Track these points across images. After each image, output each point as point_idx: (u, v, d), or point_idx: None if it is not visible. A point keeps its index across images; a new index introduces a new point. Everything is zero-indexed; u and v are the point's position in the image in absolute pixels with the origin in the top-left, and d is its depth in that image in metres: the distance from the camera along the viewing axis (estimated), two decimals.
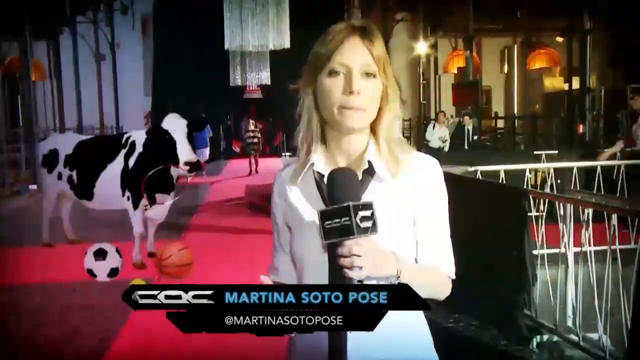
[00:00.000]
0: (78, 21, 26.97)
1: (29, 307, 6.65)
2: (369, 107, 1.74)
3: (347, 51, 1.72)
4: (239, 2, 21.52)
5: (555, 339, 5.20)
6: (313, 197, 1.80)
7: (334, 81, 1.73)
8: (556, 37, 27.85)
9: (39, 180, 11.32)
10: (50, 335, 5.80)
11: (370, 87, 1.73)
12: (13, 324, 6.15)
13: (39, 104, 24.02)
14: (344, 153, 1.83)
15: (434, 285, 1.81)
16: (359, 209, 1.50)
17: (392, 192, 1.77)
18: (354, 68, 1.71)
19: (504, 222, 5.76)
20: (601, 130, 20.41)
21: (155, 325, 5.96)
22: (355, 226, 1.49)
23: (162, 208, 8.28)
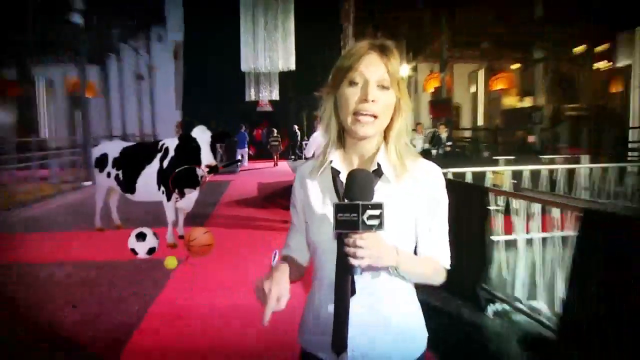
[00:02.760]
0: (122, 48, 27.08)
1: (86, 279, 6.72)
2: (382, 115, 1.69)
3: (366, 65, 1.67)
4: (253, 32, 21.62)
5: (506, 307, 5.30)
6: (329, 190, 1.76)
7: (353, 90, 1.68)
8: (513, 64, 27.98)
9: (93, 178, 11.41)
10: (100, 301, 5.87)
11: (384, 97, 1.68)
12: (75, 291, 6.23)
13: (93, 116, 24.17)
14: (357, 154, 1.78)
15: (429, 275, 1.78)
16: (367, 208, 1.50)
17: (396, 192, 1.72)
18: (370, 79, 1.66)
19: (469, 214, 5.83)
20: (546, 140, 20.47)
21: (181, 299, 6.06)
22: (362, 223, 1.49)
23: (190, 199, 8.41)
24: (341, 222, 1.52)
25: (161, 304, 5.73)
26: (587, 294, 4.10)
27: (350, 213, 1.51)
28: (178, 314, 5.41)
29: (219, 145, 20.89)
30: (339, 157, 1.79)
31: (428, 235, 1.77)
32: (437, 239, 1.79)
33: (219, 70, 26.06)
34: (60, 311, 5.58)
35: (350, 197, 1.56)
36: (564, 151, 15.81)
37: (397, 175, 1.72)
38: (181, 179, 8.07)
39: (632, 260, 3.73)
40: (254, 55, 22.21)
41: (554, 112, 21.82)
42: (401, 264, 1.63)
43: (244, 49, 22.33)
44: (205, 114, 21.86)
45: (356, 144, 1.77)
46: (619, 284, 3.79)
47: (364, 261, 1.52)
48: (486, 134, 24.55)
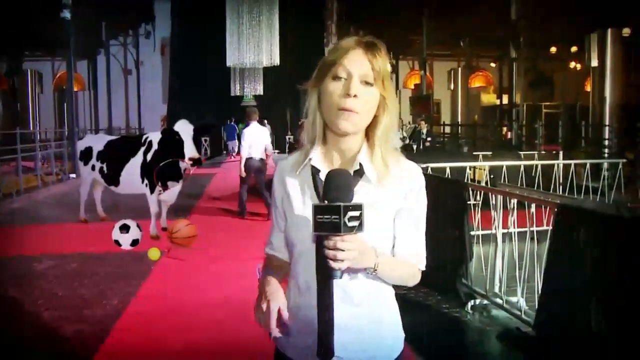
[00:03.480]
0: (111, 44, 26.99)
1: (69, 272, 6.57)
2: (364, 110, 1.61)
3: (350, 60, 1.61)
4: (238, 28, 21.44)
5: (485, 302, 5.21)
6: (308, 188, 1.68)
7: (336, 85, 1.60)
8: (490, 63, 28.10)
9: (78, 171, 11.29)
10: (83, 294, 5.73)
11: (367, 93, 1.60)
12: (55, 285, 6.08)
13: (80, 109, 23.97)
14: (339, 152, 1.69)
15: (405, 277, 1.71)
16: (348, 209, 1.41)
17: (377, 193, 1.63)
18: (354, 75, 1.59)
19: (448, 208, 5.75)
20: (523, 136, 20.55)
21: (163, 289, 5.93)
22: (343, 225, 1.40)
23: (173, 192, 8.38)
24: (321, 224, 1.42)
25: (144, 295, 5.59)
26: (563, 288, 4.03)
27: (330, 215, 1.41)
28: (160, 305, 5.28)
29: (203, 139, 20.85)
30: (320, 154, 1.70)
31: (406, 237, 1.69)
32: (415, 241, 1.71)
33: (205, 65, 25.89)
34: (42, 304, 5.43)
35: (330, 198, 1.45)
36: (540, 147, 15.83)
37: (379, 177, 1.64)
38: (164, 172, 8.01)
39: (607, 255, 3.67)
40: (239, 50, 22.02)
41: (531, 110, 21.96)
42: (380, 265, 1.56)
43: (229, 45, 22.12)
44: (191, 108, 21.75)
45: (338, 141, 1.68)
46: (594, 278, 3.73)
47: (345, 263, 1.45)
48: (465, 129, 24.60)
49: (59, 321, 4.95)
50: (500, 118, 24.31)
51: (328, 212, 1.41)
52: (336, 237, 1.42)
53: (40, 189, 13.83)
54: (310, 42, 24.27)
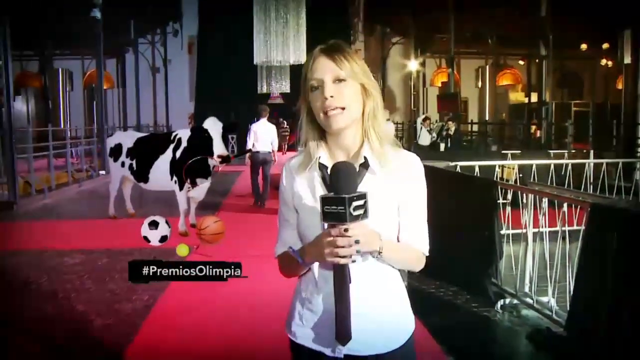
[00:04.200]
0: (139, 42, 27.22)
1: (98, 267, 6.66)
2: (348, 104, 1.74)
3: (318, 68, 1.75)
4: (265, 26, 21.52)
5: (515, 302, 5.16)
6: (317, 185, 1.79)
7: (316, 94, 1.75)
8: (519, 61, 27.79)
9: (107, 167, 11.44)
10: (114, 289, 5.81)
11: (343, 89, 1.73)
12: (86, 279, 6.19)
13: (109, 107, 24.27)
14: (342, 150, 1.82)
15: (409, 260, 1.83)
16: (353, 200, 1.53)
17: (382, 182, 1.75)
18: (325, 79, 1.73)
19: (478, 207, 5.70)
20: (553, 135, 20.27)
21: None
22: (349, 215, 1.53)
23: (202, 189, 8.43)
24: (328, 214, 1.55)
25: (173, 290, 5.64)
26: (595, 289, 3.97)
27: (337, 206, 1.54)
28: (189, 300, 5.32)
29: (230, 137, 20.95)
30: (325, 154, 1.82)
31: (409, 223, 1.82)
32: (417, 226, 1.83)
33: (232, 63, 26.07)
34: (75, 297, 5.53)
35: (336, 189, 1.58)
36: (570, 146, 15.61)
37: (382, 165, 1.76)
38: (193, 169, 8.04)
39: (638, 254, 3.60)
40: (266, 48, 22.11)
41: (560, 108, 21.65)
42: (384, 249, 1.68)
43: (256, 43, 22.23)
44: (218, 106, 21.90)
45: (337, 140, 1.82)
46: (627, 280, 3.66)
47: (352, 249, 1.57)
48: (493, 128, 24.37)
49: (90, 315, 5.04)
50: (528, 116, 23.97)
51: (334, 203, 1.54)
52: (342, 225, 1.55)
53: (71, 185, 14.07)
54: (337, 39, 24.25)
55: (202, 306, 5.20)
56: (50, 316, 5.08)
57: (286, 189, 1.89)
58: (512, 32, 23.72)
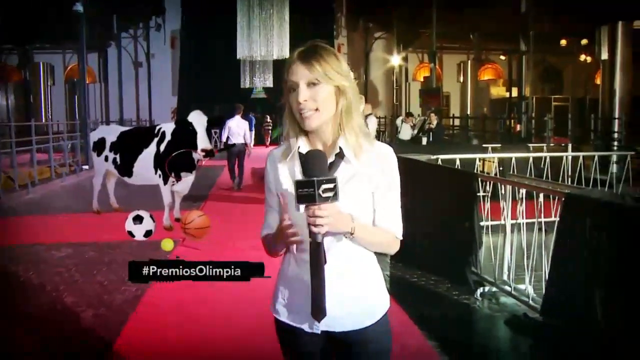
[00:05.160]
0: (122, 36, 26.99)
1: (87, 259, 6.71)
2: (321, 106, 1.86)
3: (294, 73, 1.87)
4: (248, 21, 21.51)
5: (494, 289, 5.31)
6: (297, 173, 1.90)
7: (293, 95, 1.88)
8: (500, 56, 28.02)
9: (91, 162, 11.36)
10: (102, 280, 5.86)
11: (316, 92, 1.86)
12: (74, 272, 6.23)
13: (91, 102, 24.07)
14: (320, 141, 1.95)
15: (383, 242, 1.96)
16: (322, 183, 1.69)
17: (356, 170, 1.88)
18: (300, 83, 1.85)
19: (459, 199, 5.82)
20: (532, 129, 20.49)
21: None
22: (318, 196, 1.68)
23: (186, 183, 8.39)
24: (301, 196, 1.70)
25: (157, 286, 5.69)
26: (569, 275, 4.12)
27: (307, 188, 1.69)
28: (176, 292, 5.37)
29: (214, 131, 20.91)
30: (305, 144, 1.94)
31: (382, 208, 1.95)
32: (391, 211, 1.96)
33: (215, 58, 26.00)
34: (64, 289, 5.58)
35: (309, 174, 1.73)
36: (549, 140, 15.82)
37: (356, 155, 1.89)
38: (177, 163, 8.04)
39: (612, 243, 3.75)
40: (249, 43, 22.14)
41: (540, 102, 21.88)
42: (356, 230, 1.83)
43: (239, 37, 22.24)
44: (201, 100, 21.82)
45: (315, 133, 1.94)
46: (599, 266, 3.81)
47: (323, 228, 1.73)
48: (474, 122, 24.58)
49: (80, 306, 5.09)
50: (509, 111, 24.24)
51: (306, 186, 1.70)
52: (314, 206, 1.70)
53: (54, 180, 13.98)
54: (320, 34, 24.19)
55: (191, 298, 5.26)
56: (39, 309, 5.11)
57: (269, 176, 2.03)
58: (494, 28, 23.91)
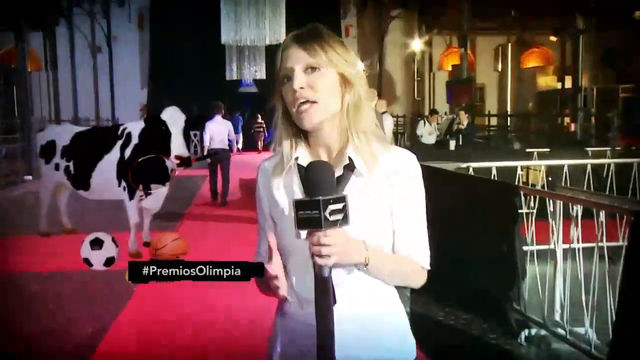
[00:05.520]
0: (74, 12, 26.85)
1: (25, 296, 6.65)
2: (321, 96, 1.84)
3: (288, 58, 1.85)
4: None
5: (543, 332, 5.25)
6: (296, 190, 1.88)
7: (287, 86, 1.86)
8: (549, 36, 27.91)
9: (36, 171, 11.29)
10: (46, 324, 5.81)
11: (316, 79, 1.84)
12: (9, 313, 6.16)
13: (35, 94, 23.97)
14: (324, 148, 1.92)
15: (405, 274, 1.93)
16: (329, 203, 1.63)
17: (370, 185, 1.85)
18: (295, 69, 1.83)
19: (495, 217, 5.80)
20: (592, 128, 20.42)
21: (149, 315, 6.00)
22: (324, 220, 1.62)
23: (157, 198, 8.34)
24: (303, 220, 1.65)
25: (121, 328, 5.66)
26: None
27: (311, 210, 1.63)
28: (141, 339, 5.35)
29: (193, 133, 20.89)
30: (305, 152, 1.92)
31: (404, 232, 1.91)
32: (414, 235, 1.92)
33: (194, 42, 26.02)
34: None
35: (312, 192, 1.68)
36: (615, 142, 15.73)
37: (369, 166, 1.85)
38: (146, 172, 7.99)
39: None
40: (236, 25, 22.14)
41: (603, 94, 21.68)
42: (371, 260, 1.77)
43: (224, 18, 22.24)
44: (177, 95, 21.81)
45: (316, 137, 1.92)
46: None
47: (330, 260, 1.67)
48: (516, 121, 24.57)
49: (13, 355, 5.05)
50: (561, 106, 24.17)
51: (308, 207, 1.64)
52: (319, 232, 1.64)
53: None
54: (324, 13, 24.23)
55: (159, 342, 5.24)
56: None
57: (261, 195, 2.01)
58: (541, 0, 23.77)
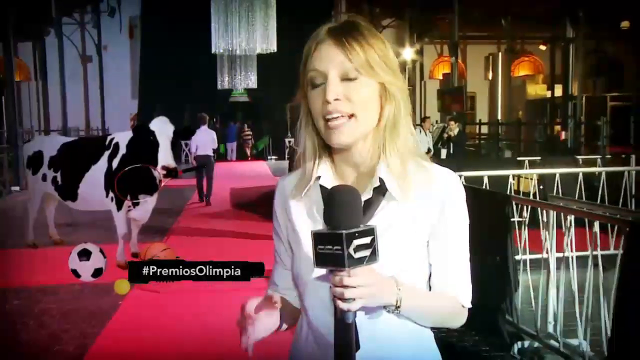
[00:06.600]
0: (64, 22, 26.80)
1: (9, 311, 6.56)
2: (358, 112, 1.55)
3: (320, 57, 1.57)
4: (226, 5, 21.51)
5: (536, 344, 5.18)
6: (318, 213, 1.61)
7: (316, 92, 1.57)
8: (539, 45, 28.05)
9: (23, 182, 11.25)
10: (28, 339, 5.71)
11: (353, 90, 1.54)
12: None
13: (23, 105, 23.90)
14: (352, 166, 1.65)
15: (441, 315, 1.68)
16: (354, 237, 1.36)
17: (405, 212, 1.59)
18: (329, 74, 1.54)
19: (487, 227, 5.72)
20: (582, 136, 20.46)
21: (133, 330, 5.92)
22: (347, 257, 1.35)
23: (145, 208, 8.31)
24: (322, 255, 1.38)
25: (107, 339, 5.56)
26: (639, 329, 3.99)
27: (332, 245, 1.36)
28: (127, 352, 5.26)
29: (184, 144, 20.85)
30: (329, 171, 1.65)
31: (443, 265, 1.64)
32: (455, 269, 1.66)
33: (185, 52, 26.01)
34: None
35: (332, 222, 1.41)
36: (605, 150, 15.75)
37: (402, 189, 1.58)
38: (132, 182, 7.94)
39: None
40: (228, 34, 22.15)
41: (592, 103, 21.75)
42: (403, 301, 1.51)
43: (214, 26, 22.25)
44: (168, 105, 21.82)
45: (345, 154, 1.64)
46: None
47: (356, 303, 1.40)
48: (507, 129, 24.59)
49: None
50: (551, 114, 24.23)
51: (329, 241, 1.37)
52: (341, 272, 1.38)
53: None
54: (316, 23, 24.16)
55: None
56: None
57: (278, 217, 1.76)
58: (531, 10, 23.85)
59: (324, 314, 1.56)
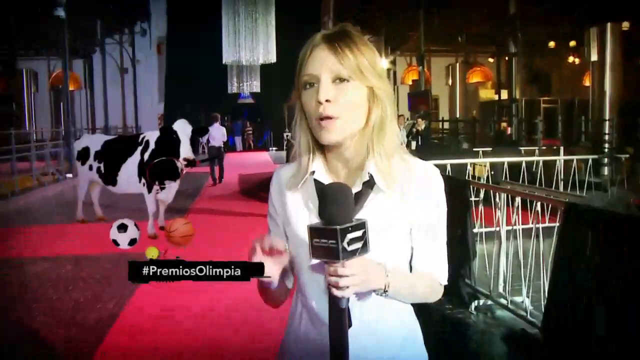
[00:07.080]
0: (107, 42, 26.79)
1: (63, 274, 6.50)
2: (346, 114, 1.41)
3: (314, 61, 1.43)
4: (235, 25, 21.40)
5: (489, 302, 5.12)
6: (313, 205, 1.48)
7: (309, 93, 1.43)
8: (489, 58, 28.04)
9: (74, 171, 11.32)
10: (77, 297, 5.64)
11: (344, 92, 1.41)
12: (49, 288, 5.98)
13: (76, 109, 23.87)
14: (342, 162, 1.51)
15: (423, 294, 1.54)
16: (347, 231, 1.25)
17: (390, 201, 1.46)
18: (322, 76, 1.41)
19: (450, 206, 5.64)
20: (524, 131, 20.47)
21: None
22: (342, 250, 1.24)
23: (170, 191, 8.43)
24: (318, 248, 1.27)
25: (140, 297, 5.49)
26: (570, 288, 3.94)
27: (327, 239, 1.25)
28: (157, 308, 5.19)
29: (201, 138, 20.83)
30: (322, 166, 1.51)
31: (423, 249, 1.51)
32: (434, 252, 1.53)
33: (201, 63, 26.00)
34: (36, 308, 5.33)
35: (326, 217, 1.29)
36: (540, 143, 15.78)
37: (391, 184, 1.46)
38: (160, 171, 8.01)
39: (615, 255, 3.57)
40: (235, 48, 21.98)
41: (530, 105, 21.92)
42: (391, 285, 1.39)
43: (225, 42, 22.09)
44: (187, 106, 21.80)
45: (336, 151, 1.50)
46: (601, 279, 3.63)
47: (349, 290, 1.30)
48: (464, 125, 24.51)
49: (51, 327, 4.85)
50: (499, 113, 24.18)
51: (324, 235, 1.26)
52: (335, 263, 1.27)
53: (36, 189, 13.73)
54: (307, 38, 24.14)
55: (171, 311, 5.07)
56: (11, 328, 4.88)
57: (274, 206, 1.60)
58: (482, 30, 23.91)
59: (319, 293, 1.45)
